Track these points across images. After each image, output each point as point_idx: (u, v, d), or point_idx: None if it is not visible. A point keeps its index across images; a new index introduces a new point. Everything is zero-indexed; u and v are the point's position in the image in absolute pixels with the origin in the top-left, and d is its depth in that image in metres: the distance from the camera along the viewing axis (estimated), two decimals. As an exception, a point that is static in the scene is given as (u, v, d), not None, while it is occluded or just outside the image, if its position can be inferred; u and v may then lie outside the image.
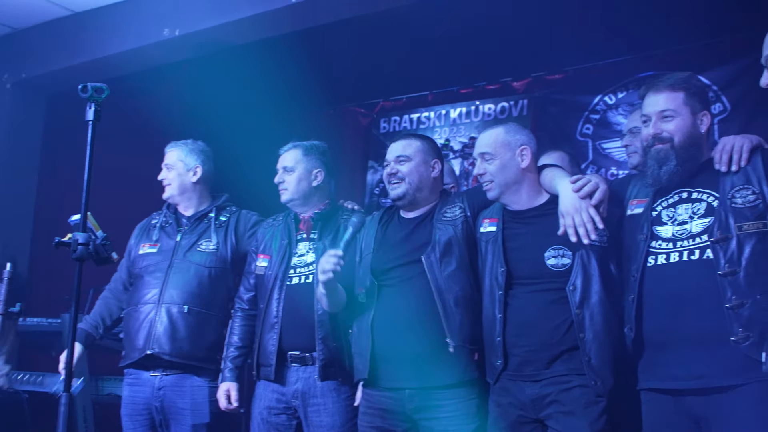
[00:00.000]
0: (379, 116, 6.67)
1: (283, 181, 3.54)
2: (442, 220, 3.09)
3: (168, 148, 3.92)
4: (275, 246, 3.54)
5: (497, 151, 2.96)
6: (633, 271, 2.67)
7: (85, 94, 2.65)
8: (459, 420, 2.90)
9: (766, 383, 2.40)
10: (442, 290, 2.95)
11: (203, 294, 3.62)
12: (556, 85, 5.89)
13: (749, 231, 2.50)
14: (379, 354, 3.01)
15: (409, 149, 3.18)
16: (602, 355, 2.71)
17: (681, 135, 2.65)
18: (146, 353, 3.56)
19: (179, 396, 3.56)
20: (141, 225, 3.95)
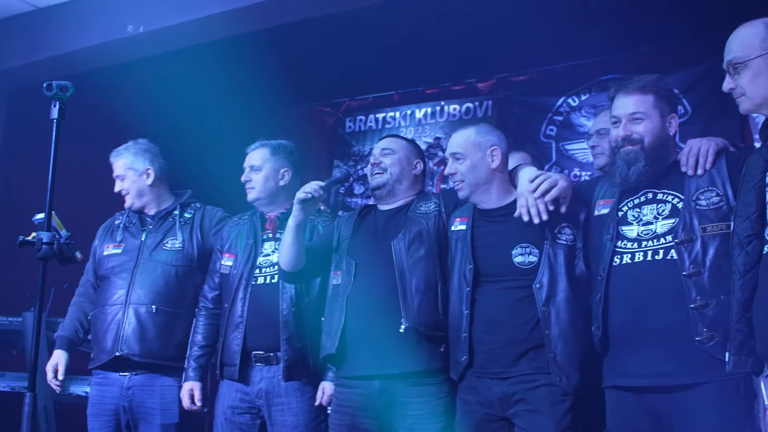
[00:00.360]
0: (344, 115, 6.67)
1: (250, 179, 3.53)
2: (416, 212, 3.15)
3: (113, 159, 3.87)
4: (241, 245, 3.53)
5: (468, 151, 3.00)
6: (600, 270, 2.71)
7: (49, 92, 2.61)
8: (427, 419, 2.93)
9: (727, 382, 2.45)
10: (404, 274, 3.00)
11: (171, 293, 3.60)
12: (520, 86, 5.94)
13: (713, 233, 2.54)
14: (349, 332, 3.03)
15: (394, 144, 3.28)
16: (568, 353, 2.75)
17: (651, 137, 2.69)
18: (115, 355, 3.53)
19: (148, 396, 3.54)
20: (104, 226, 3.91)
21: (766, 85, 2.33)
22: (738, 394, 2.46)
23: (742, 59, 2.35)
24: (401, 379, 2.96)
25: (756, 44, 2.33)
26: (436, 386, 2.97)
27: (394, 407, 2.97)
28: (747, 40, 2.36)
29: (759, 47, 2.33)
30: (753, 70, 2.33)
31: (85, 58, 5.06)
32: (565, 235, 2.86)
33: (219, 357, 3.43)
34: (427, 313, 2.96)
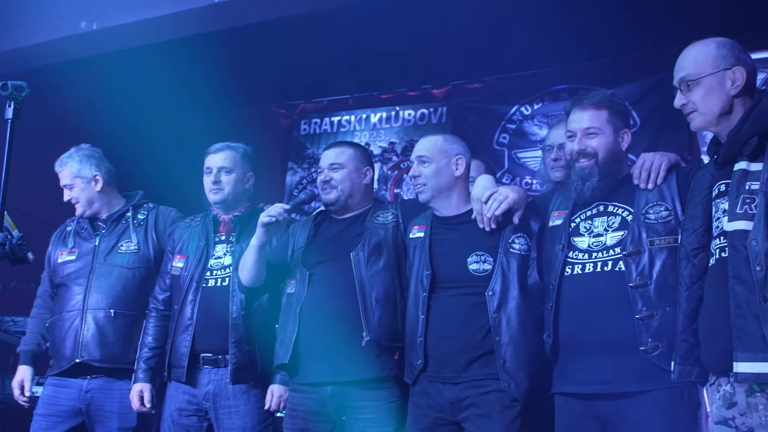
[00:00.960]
0: (300, 118, 6.67)
1: (220, 180, 3.50)
2: (374, 222, 3.18)
3: (58, 168, 3.81)
4: (192, 247, 3.52)
5: (434, 156, 3.07)
6: (551, 279, 2.77)
7: (4, 92, 2.58)
8: (379, 422, 2.96)
9: (671, 390, 2.53)
10: (365, 286, 3.02)
11: (129, 296, 3.58)
12: (474, 94, 6.01)
13: (660, 246, 2.62)
14: (302, 342, 3.05)
15: (342, 157, 3.26)
16: (517, 359, 2.80)
17: (604, 152, 2.77)
18: (75, 361, 3.50)
19: (107, 399, 3.51)
20: (56, 233, 3.86)
21: (716, 102, 2.40)
22: (682, 402, 2.54)
23: (694, 76, 2.42)
24: (353, 384, 2.99)
25: (708, 62, 2.40)
26: (387, 390, 3.00)
27: (346, 411, 3.00)
28: (699, 58, 2.43)
29: (711, 65, 2.40)
30: (705, 87, 2.40)
31: (37, 53, 4.98)
32: (518, 244, 2.92)
33: (167, 359, 3.41)
34: (387, 325, 3.00)
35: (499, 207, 2.86)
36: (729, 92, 2.39)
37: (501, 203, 2.86)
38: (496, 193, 2.90)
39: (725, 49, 2.41)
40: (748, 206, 2.25)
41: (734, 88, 2.38)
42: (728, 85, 2.39)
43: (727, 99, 2.40)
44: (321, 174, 3.27)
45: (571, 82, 5.52)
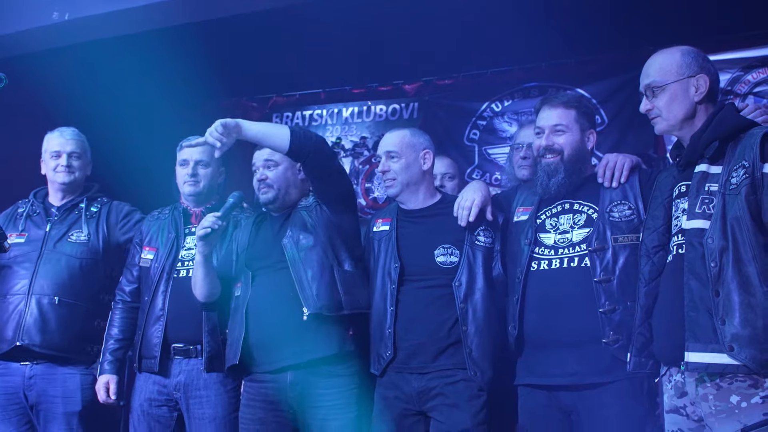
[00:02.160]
0: (272, 111, 6.65)
1: (197, 173, 3.52)
2: (298, 209, 3.21)
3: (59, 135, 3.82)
4: (162, 239, 3.53)
5: (403, 151, 3.12)
6: (517, 273, 2.86)
7: None
8: (338, 410, 2.99)
9: (630, 381, 2.64)
10: (297, 265, 3.04)
11: (74, 285, 3.58)
12: (445, 90, 6.04)
13: (624, 243, 2.73)
14: (253, 339, 3.06)
15: (275, 154, 3.22)
16: (482, 348, 2.89)
17: (570, 149, 2.87)
18: (16, 344, 3.49)
19: (50, 384, 3.51)
20: (6, 213, 3.84)
21: (680, 108, 2.49)
22: (642, 392, 2.65)
23: (660, 83, 2.51)
24: (314, 369, 2.99)
25: (673, 70, 2.49)
26: (348, 378, 3.03)
27: (306, 399, 3.01)
28: (665, 65, 2.51)
29: (676, 73, 2.49)
30: (669, 93, 2.50)
31: (7, 43, 4.94)
32: (483, 237, 3.01)
33: (137, 350, 3.42)
34: (327, 297, 3.00)
35: (470, 214, 2.96)
36: (692, 99, 2.48)
37: (470, 209, 2.96)
38: (462, 200, 3.00)
39: (690, 57, 2.50)
40: (706, 206, 2.34)
41: (698, 95, 2.48)
42: (692, 92, 2.48)
43: (691, 105, 2.49)
44: (256, 173, 3.28)
45: (541, 80, 5.59)
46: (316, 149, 3.02)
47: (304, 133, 3.05)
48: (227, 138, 2.92)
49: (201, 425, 3.31)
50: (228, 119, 2.95)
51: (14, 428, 3.56)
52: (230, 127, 2.93)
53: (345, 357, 3.03)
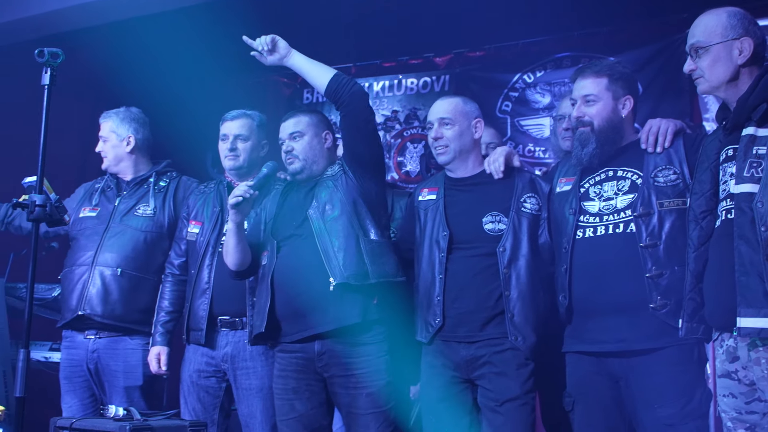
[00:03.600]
0: (302, 86, 6.66)
1: (236, 148, 3.56)
2: (323, 178, 3.21)
3: (101, 119, 3.92)
4: (207, 213, 3.59)
5: (457, 118, 3.14)
6: (564, 243, 2.87)
7: (41, 59, 2.65)
8: (368, 377, 3.00)
9: (680, 348, 2.65)
10: (323, 236, 3.05)
11: (138, 258, 3.66)
12: (476, 62, 6.03)
13: (670, 208, 2.73)
14: (279, 308, 3.08)
15: (300, 125, 3.25)
16: (525, 314, 2.91)
17: (600, 119, 2.87)
18: (78, 314, 3.59)
19: (112, 358, 3.61)
20: (85, 187, 3.95)
21: (723, 70, 2.48)
22: (692, 358, 2.67)
23: (704, 44, 2.50)
24: (339, 338, 3.01)
25: (717, 31, 2.48)
26: (376, 345, 3.04)
27: (335, 368, 3.03)
28: (710, 26, 2.50)
29: (720, 35, 2.48)
30: (713, 55, 2.49)
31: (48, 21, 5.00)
32: (530, 204, 3.03)
33: (185, 322, 3.49)
34: (353, 267, 3.01)
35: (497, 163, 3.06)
36: (736, 61, 2.47)
37: (497, 162, 3.06)
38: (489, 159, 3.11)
39: (735, 19, 2.48)
40: (754, 170, 2.34)
41: (741, 58, 2.47)
42: (735, 55, 2.47)
43: (734, 67, 2.48)
44: (283, 145, 3.29)
45: (573, 50, 5.55)
46: (353, 93, 3.07)
47: (346, 78, 3.11)
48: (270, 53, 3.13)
49: (248, 395, 3.38)
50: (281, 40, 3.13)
51: (78, 400, 3.68)
52: (279, 46, 3.12)
53: (370, 325, 3.02)
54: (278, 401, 3.14)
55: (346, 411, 3.03)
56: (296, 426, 3.06)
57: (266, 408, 3.33)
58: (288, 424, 3.07)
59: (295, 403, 3.06)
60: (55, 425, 3.14)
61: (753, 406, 2.36)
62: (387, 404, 2.99)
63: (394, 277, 3.07)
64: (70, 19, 5.09)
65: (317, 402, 3.07)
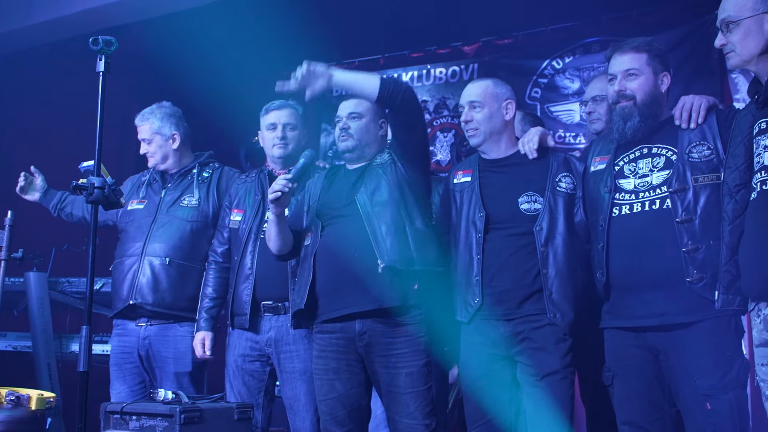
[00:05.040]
0: (332, 79, 6.74)
1: (286, 136, 3.66)
2: (373, 166, 3.27)
3: (139, 122, 4.00)
4: (249, 201, 3.67)
5: (486, 100, 3.18)
6: (600, 221, 2.91)
7: (95, 47, 2.75)
8: (408, 357, 3.04)
9: (717, 320, 2.68)
10: (371, 219, 3.10)
11: (185, 247, 3.76)
12: (505, 49, 6.06)
13: (704, 183, 2.76)
14: (320, 286, 3.13)
15: (360, 107, 3.30)
16: (563, 291, 2.95)
17: (643, 93, 2.90)
18: (129, 303, 3.71)
19: (163, 345, 3.72)
20: (132, 180, 4.07)
21: (755, 44, 2.52)
22: (729, 330, 2.69)
23: (734, 18, 2.54)
24: (379, 319, 3.06)
25: (749, 5, 2.52)
26: (415, 326, 3.08)
27: (375, 348, 3.08)
28: (740, 1, 2.53)
29: (751, 8, 2.51)
30: (744, 29, 2.52)
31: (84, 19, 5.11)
32: (565, 183, 3.08)
33: (230, 308, 3.58)
34: (400, 251, 3.06)
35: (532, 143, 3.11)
36: (767, 34, 2.50)
37: (531, 142, 3.11)
38: (524, 139, 3.17)
39: None
40: (789, 141, 2.37)
41: None
42: (766, 28, 2.50)
43: (765, 41, 2.51)
44: (339, 122, 3.34)
45: (601, 35, 5.57)
46: (405, 97, 3.10)
47: (394, 81, 3.14)
48: (311, 82, 3.04)
49: (292, 378, 3.45)
50: (318, 64, 3.06)
51: (128, 386, 3.79)
52: (317, 72, 3.05)
53: (409, 309, 3.07)
54: (318, 381, 3.19)
55: (386, 390, 3.08)
56: (336, 405, 3.11)
57: (310, 390, 3.40)
58: (328, 404, 3.12)
59: (335, 383, 3.12)
60: (105, 410, 3.21)
61: (791, 374, 2.40)
62: (426, 384, 3.04)
63: (435, 265, 3.13)
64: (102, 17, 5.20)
65: (357, 382, 3.13)
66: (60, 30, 5.15)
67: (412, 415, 3.00)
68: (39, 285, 4.84)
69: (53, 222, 4.65)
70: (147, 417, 3.09)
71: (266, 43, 5.88)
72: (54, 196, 4.17)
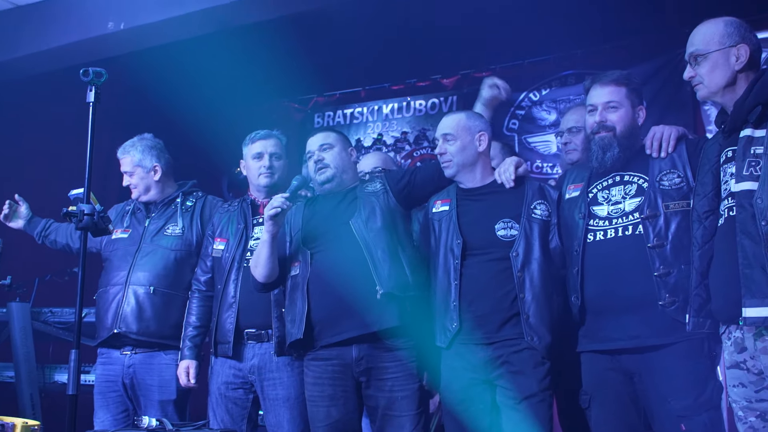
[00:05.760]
0: (313, 111, 6.84)
1: (273, 166, 3.71)
2: (364, 192, 3.37)
3: (120, 155, 4.05)
4: (232, 230, 3.71)
5: (459, 133, 3.27)
6: (575, 246, 2.99)
7: (86, 78, 2.83)
8: (404, 380, 3.15)
9: (690, 342, 2.76)
10: (369, 245, 3.20)
11: (169, 275, 3.80)
12: (483, 82, 6.16)
13: (675, 209, 2.85)
14: (316, 314, 3.20)
15: (329, 138, 3.46)
16: (540, 315, 3.02)
17: (622, 125, 3.01)
18: (114, 332, 3.73)
19: (147, 373, 3.74)
20: (116, 209, 4.11)
21: (721, 77, 2.63)
22: (702, 352, 2.77)
23: (702, 51, 2.65)
24: (376, 344, 3.15)
25: (715, 39, 2.63)
26: (408, 351, 3.18)
27: (373, 372, 3.17)
28: (708, 35, 2.65)
29: (718, 42, 2.63)
30: (711, 62, 2.63)
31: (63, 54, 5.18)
32: (540, 210, 3.16)
33: (213, 336, 3.61)
34: (398, 277, 3.17)
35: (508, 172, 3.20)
36: (733, 67, 2.61)
37: (507, 172, 3.20)
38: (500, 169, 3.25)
39: (732, 27, 2.63)
40: (753, 168, 2.47)
41: (738, 64, 2.61)
42: (732, 61, 2.61)
43: (731, 73, 2.62)
44: (312, 157, 3.43)
45: (577, 68, 5.71)
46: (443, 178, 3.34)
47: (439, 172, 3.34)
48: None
49: (275, 405, 3.48)
50: None
51: (111, 415, 3.80)
52: None
53: (404, 330, 3.16)
54: (313, 408, 3.25)
55: (382, 413, 3.16)
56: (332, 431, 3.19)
57: (293, 417, 3.45)
58: (324, 430, 3.20)
59: (332, 409, 3.19)
60: (90, 438, 3.26)
61: (762, 394, 2.48)
62: (419, 408, 3.15)
63: (424, 289, 3.23)
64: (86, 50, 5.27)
65: (352, 407, 3.21)
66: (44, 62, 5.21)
67: None
68: (22, 315, 4.84)
69: (36, 252, 4.69)
70: (131, 444, 3.12)
71: (249, 76, 5.98)
72: (38, 224, 4.21)
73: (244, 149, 3.78)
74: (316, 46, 5.82)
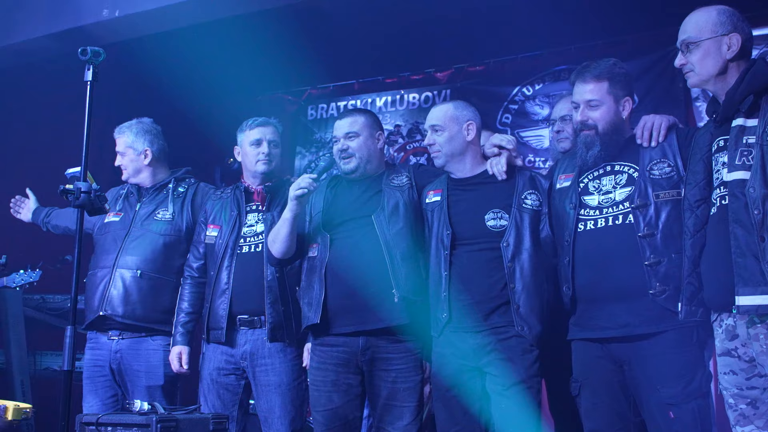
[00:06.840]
0: (306, 103, 6.85)
1: (271, 152, 3.71)
2: (390, 185, 3.37)
3: (116, 134, 4.08)
4: (225, 217, 3.73)
5: (446, 124, 3.28)
6: (566, 236, 3.00)
7: (84, 57, 2.83)
8: (408, 372, 3.20)
9: (680, 331, 2.78)
10: (390, 245, 3.23)
11: (157, 260, 3.81)
12: (477, 76, 6.21)
13: (665, 199, 2.87)
14: (332, 300, 3.23)
15: (356, 125, 3.43)
16: (530, 305, 3.04)
17: (604, 123, 3.01)
18: (99, 314, 3.74)
19: (135, 359, 3.75)
20: (112, 193, 4.11)
21: (713, 64, 2.64)
22: (691, 341, 2.78)
23: (694, 39, 2.66)
24: (383, 336, 3.20)
25: (708, 28, 2.64)
26: (412, 343, 3.23)
27: (377, 363, 3.22)
28: (700, 23, 2.66)
29: (710, 30, 2.64)
30: (703, 50, 2.64)
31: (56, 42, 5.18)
32: (530, 200, 3.17)
33: (206, 322, 3.62)
34: (414, 280, 3.21)
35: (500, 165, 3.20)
36: (725, 56, 2.63)
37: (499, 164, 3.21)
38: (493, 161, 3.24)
39: (724, 16, 2.64)
40: (745, 158, 2.49)
41: (729, 53, 2.62)
42: (724, 50, 2.63)
43: (723, 62, 2.63)
44: (337, 143, 3.43)
45: (570, 63, 5.71)
46: None
47: None
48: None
49: (267, 391, 3.50)
50: None
51: (100, 400, 3.81)
52: None
53: (413, 327, 3.21)
54: (315, 392, 3.29)
55: (384, 402, 3.20)
56: (332, 417, 3.22)
57: (284, 403, 3.48)
58: (324, 415, 3.23)
59: (333, 395, 3.23)
60: (80, 422, 3.23)
61: (753, 382, 2.50)
62: (419, 400, 3.20)
63: None
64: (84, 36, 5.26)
65: (354, 395, 3.25)
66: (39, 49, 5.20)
67: (407, 427, 3.16)
68: (14, 301, 4.85)
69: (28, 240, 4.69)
70: (123, 427, 3.13)
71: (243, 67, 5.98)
72: (41, 212, 4.27)
73: (241, 135, 3.79)
74: (311, 38, 5.80)
